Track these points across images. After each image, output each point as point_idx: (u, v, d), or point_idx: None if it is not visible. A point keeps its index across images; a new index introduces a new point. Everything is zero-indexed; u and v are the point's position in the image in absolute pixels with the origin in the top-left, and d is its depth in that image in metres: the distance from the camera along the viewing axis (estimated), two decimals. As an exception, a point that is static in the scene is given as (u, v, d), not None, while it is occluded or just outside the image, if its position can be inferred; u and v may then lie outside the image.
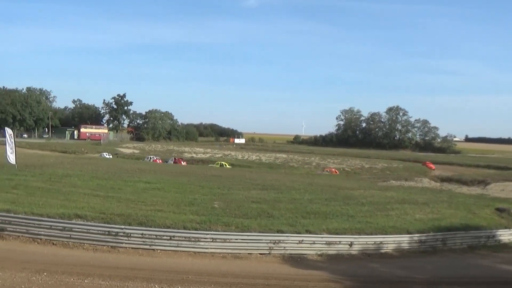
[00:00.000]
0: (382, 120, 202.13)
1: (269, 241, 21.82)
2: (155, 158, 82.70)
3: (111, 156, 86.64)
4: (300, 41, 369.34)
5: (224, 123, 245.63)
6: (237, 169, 71.41)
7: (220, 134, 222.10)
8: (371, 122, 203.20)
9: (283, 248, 21.93)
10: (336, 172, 76.98)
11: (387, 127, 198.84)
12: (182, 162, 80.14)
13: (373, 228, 25.49)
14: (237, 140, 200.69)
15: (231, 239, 21.60)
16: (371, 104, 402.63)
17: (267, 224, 24.40)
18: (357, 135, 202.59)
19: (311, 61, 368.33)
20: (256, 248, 21.72)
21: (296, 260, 21.59)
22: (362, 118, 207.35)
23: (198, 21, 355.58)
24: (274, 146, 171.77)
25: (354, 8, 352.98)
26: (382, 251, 23.86)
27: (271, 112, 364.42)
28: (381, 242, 24.03)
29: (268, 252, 21.69)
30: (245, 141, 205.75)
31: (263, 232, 22.58)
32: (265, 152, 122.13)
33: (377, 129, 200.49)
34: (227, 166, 76.11)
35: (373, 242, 23.82)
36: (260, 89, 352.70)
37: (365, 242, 23.64)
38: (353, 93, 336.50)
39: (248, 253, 21.47)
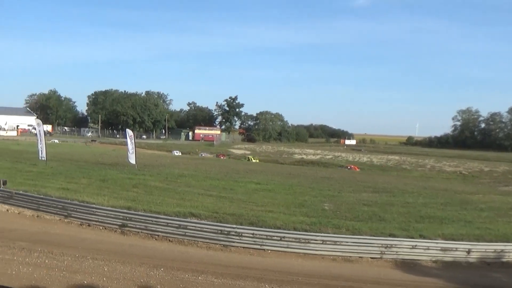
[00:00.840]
0: (503, 120, 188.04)
1: (380, 245, 21.25)
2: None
3: (180, 154, 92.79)
4: (416, 39, 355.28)
5: (335, 124, 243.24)
6: (348, 171, 70.35)
7: (331, 135, 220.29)
8: (491, 123, 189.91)
9: (395, 252, 21.25)
10: (356, 169, 76.05)
11: (508, 127, 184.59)
12: (222, 156, 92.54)
13: (493, 235, 23.83)
14: (347, 141, 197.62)
15: (342, 241, 21.34)
16: (489, 104, 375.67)
17: (379, 228, 23.82)
18: (475, 136, 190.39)
19: (426, 60, 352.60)
20: (367, 251, 21.26)
21: (409, 266, 20.81)
22: (481, 118, 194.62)
23: (307, 22, 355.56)
24: (386, 147, 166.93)
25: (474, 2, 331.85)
26: (504, 260, 22.21)
27: (383, 112, 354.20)
28: (502, 250, 22.36)
29: (379, 256, 21.13)
30: (356, 142, 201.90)
31: (374, 236, 22.04)
32: (376, 154, 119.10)
33: (497, 130, 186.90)
34: (254, 160, 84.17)
35: (493, 250, 22.24)
36: (372, 89, 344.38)
37: (484, 250, 22.14)
38: (470, 92, 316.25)
39: (359, 257, 21.08)
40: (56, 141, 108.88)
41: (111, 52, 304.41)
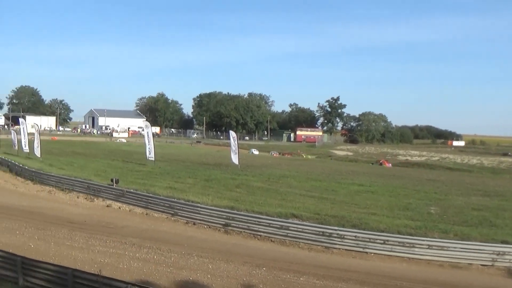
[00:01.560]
0: None
1: (492, 252, 19.97)
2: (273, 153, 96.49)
3: (258, 153, 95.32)
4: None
5: (441, 125, 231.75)
6: (456, 173, 66.93)
7: (437, 136, 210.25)
8: None
9: (508, 260, 19.88)
10: (387, 164, 76.56)
11: None
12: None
13: None
14: (455, 143, 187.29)
15: (449, 247, 20.33)
16: None
17: (490, 234, 22.40)
18: None
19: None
20: (477, 258, 20.06)
21: (525, 276, 19.35)
22: None
23: (407, 20, 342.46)
24: (498, 149, 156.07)
25: None
26: None
27: (495, 112, 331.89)
28: None
29: (490, 264, 19.86)
30: (465, 143, 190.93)
31: (485, 242, 20.76)
32: (487, 156, 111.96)
33: None
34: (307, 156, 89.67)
35: None
36: (482, 87, 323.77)
37: None
38: None
39: (468, 264, 19.96)
40: (123, 140, 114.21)
41: (215, 55, 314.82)
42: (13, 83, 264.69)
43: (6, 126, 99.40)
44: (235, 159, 48.26)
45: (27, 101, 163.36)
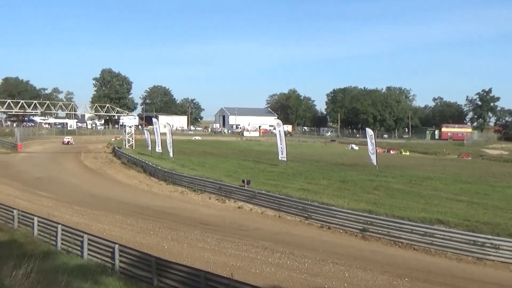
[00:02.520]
0: None
1: None
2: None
3: (357, 148, 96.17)
4: None
5: None
6: None
7: None
8: None
9: None
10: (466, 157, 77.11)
11: None
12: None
13: None
14: None
15: None
16: None
17: None
18: None
19: None
20: None
21: None
22: None
23: None
24: None
25: None
26: None
27: None
28: None
29: None
30: None
31: None
32: None
33: None
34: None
35: None
36: None
37: None
38: None
39: None
40: (198, 137, 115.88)
41: (349, 48, 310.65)
42: (147, 84, 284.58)
43: (140, 126, 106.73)
44: (372, 159, 47.34)
45: (159, 101, 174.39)
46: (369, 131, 50.02)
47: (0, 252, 15.38)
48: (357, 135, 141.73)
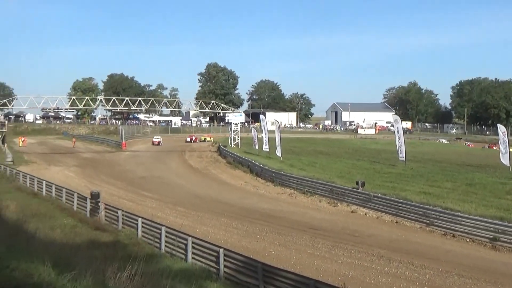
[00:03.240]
0: None
1: None
2: None
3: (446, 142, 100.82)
4: None
5: None
6: None
7: None
8: None
9: None
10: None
11: None
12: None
13: None
14: None
15: None
16: None
17: None
18: None
19: None
20: None
21: None
22: None
23: None
24: None
25: None
26: None
27: None
28: None
29: None
30: None
31: None
32: None
33: None
34: None
35: None
36: None
37: None
38: None
39: None
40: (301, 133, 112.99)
41: (477, 34, 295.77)
42: (254, 78, 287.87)
43: (246, 124, 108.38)
44: (504, 159, 44.71)
45: (266, 97, 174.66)
46: (501, 128, 47.38)
47: (105, 253, 15.91)
48: (487, 132, 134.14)
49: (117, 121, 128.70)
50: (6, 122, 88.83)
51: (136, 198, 34.58)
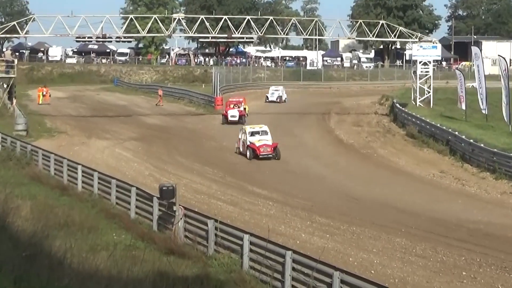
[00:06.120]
0: None
1: None
2: None
3: None
4: None
5: None
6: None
7: None
8: None
9: None
10: None
11: None
12: None
13: None
14: None
15: None
16: None
17: None
18: None
19: None
20: None
21: None
22: None
23: None
24: None
25: None
26: None
27: None
28: None
29: None
30: None
31: None
32: None
33: None
34: None
35: None
36: None
37: None
38: None
39: None
40: None
41: None
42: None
43: (444, 63, 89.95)
44: None
45: (484, 12, 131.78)
46: None
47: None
48: None
49: (207, 59, 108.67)
50: (16, 61, 63.93)
51: (240, 199, 28.27)
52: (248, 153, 36.48)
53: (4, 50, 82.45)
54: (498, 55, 50.15)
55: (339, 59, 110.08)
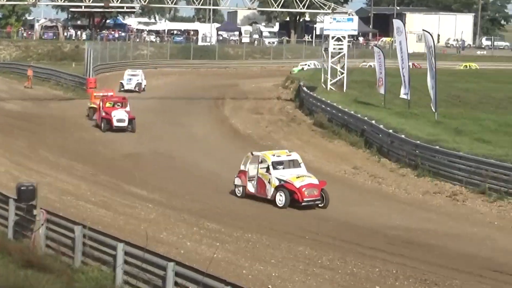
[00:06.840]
0: None
1: None
2: None
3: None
4: None
5: None
6: None
7: None
8: None
9: None
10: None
11: None
12: None
13: None
14: None
15: None
16: None
17: None
18: None
19: None
20: None
21: None
22: None
23: None
24: None
25: None
26: None
27: None
28: None
29: None
30: None
31: None
32: None
33: None
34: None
35: None
36: None
37: None
38: None
39: None
40: None
41: None
42: None
43: (361, 39, 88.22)
44: None
45: None
46: None
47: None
48: None
49: (80, 33, 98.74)
50: None
51: (114, 201, 25.78)
52: (279, 199, 24.35)
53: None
54: (423, 30, 47.94)
55: (237, 33, 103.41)
